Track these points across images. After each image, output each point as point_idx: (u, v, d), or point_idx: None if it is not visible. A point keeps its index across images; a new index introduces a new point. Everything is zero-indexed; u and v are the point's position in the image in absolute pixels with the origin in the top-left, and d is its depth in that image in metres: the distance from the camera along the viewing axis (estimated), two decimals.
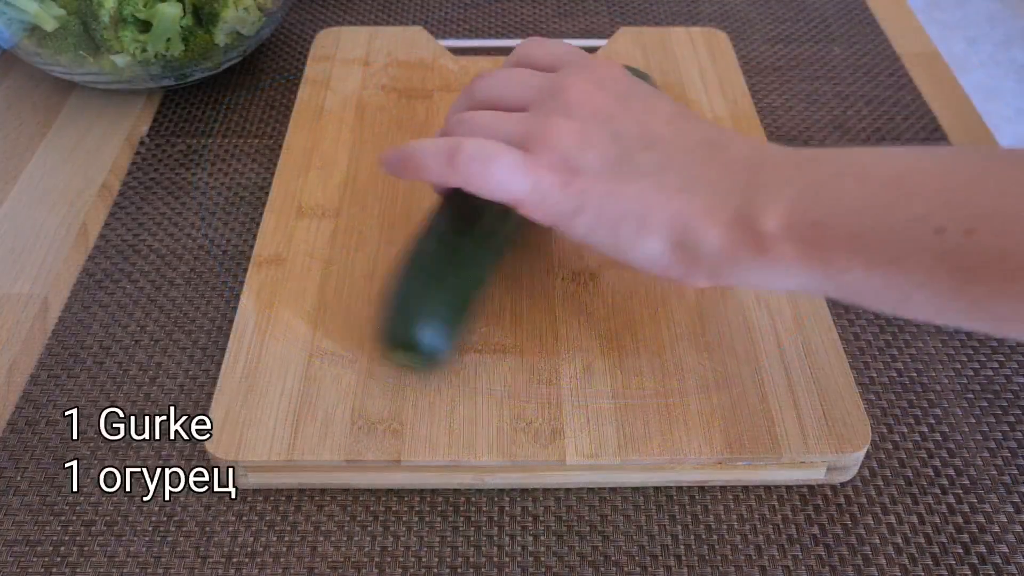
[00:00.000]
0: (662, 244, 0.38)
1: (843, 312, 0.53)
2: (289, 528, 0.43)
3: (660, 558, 0.42)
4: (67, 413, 0.47)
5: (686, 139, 0.40)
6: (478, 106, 0.45)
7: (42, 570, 0.41)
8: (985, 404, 0.48)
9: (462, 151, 0.40)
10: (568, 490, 0.44)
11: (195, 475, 0.45)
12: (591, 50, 0.70)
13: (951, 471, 0.45)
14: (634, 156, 0.39)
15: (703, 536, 0.43)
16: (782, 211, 0.36)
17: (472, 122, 0.43)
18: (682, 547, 0.42)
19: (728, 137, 0.40)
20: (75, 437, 0.46)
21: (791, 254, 0.36)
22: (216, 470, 0.44)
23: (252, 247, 0.54)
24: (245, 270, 0.54)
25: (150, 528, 0.43)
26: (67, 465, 0.45)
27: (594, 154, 0.40)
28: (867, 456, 0.46)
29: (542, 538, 0.43)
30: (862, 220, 0.34)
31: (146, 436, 0.46)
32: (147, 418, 0.47)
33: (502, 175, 0.40)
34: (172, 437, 0.46)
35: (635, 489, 0.44)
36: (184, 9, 0.61)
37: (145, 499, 0.44)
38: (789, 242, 0.36)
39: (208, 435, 0.43)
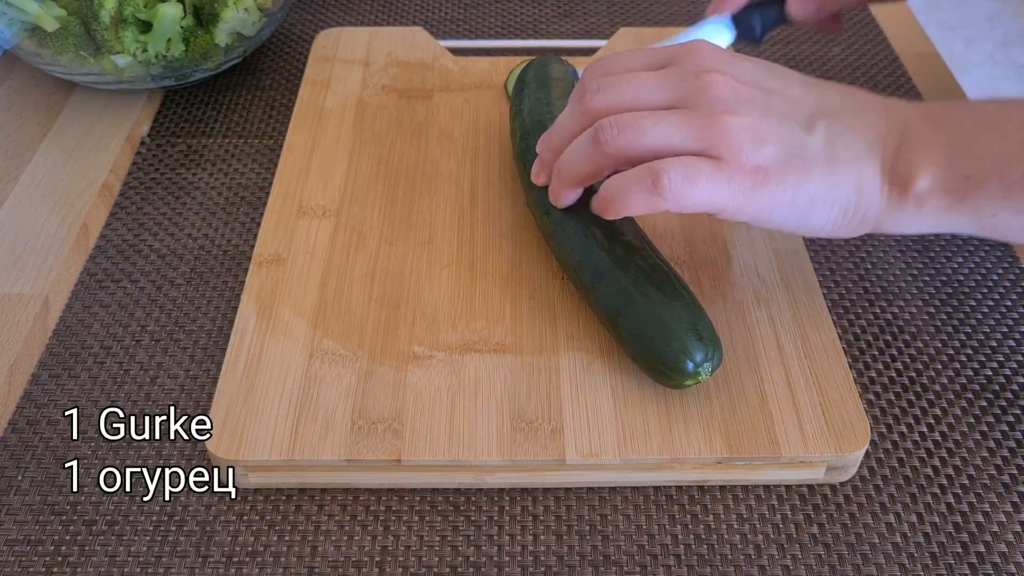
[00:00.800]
0: (842, 213, 0.42)
1: (843, 312, 0.53)
2: (289, 528, 0.43)
3: (660, 558, 0.42)
4: (68, 413, 0.47)
5: (831, 105, 0.43)
6: (596, 116, 0.44)
7: (43, 569, 0.41)
8: (985, 404, 0.48)
9: (665, 176, 0.41)
10: (568, 490, 0.44)
11: (196, 475, 0.45)
12: (591, 50, 0.70)
13: (950, 471, 0.46)
14: (802, 138, 0.42)
15: (702, 535, 0.43)
16: (935, 169, 0.41)
17: (648, 131, 0.42)
18: (681, 546, 0.42)
19: (858, 96, 0.44)
20: (76, 437, 0.46)
21: (944, 205, 0.41)
22: (216, 470, 0.44)
23: (252, 247, 0.54)
24: (246, 270, 0.54)
25: (151, 528, 0.43)
26: (68, 465, 0.45)
27: (772, 147, 0.41)
28: (866, 455, 0.46)
29: (542, 538, 0.43)
30: (1010, 170, 0.40)
31: (147, 436, 0.46)
32: (148, 418, 0.47)
33: (707, 191, 0.41)
34: (173, 437, 0.46)
35: (635, 489, 0.44)
36: (185, 10, 0.61)
37: (146, 499, 0.44)
38: (943, 196, 0.41)
39: (208, 435, 0.43)
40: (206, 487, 0.44)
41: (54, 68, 0.63)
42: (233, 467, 0.43)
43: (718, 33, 0.53)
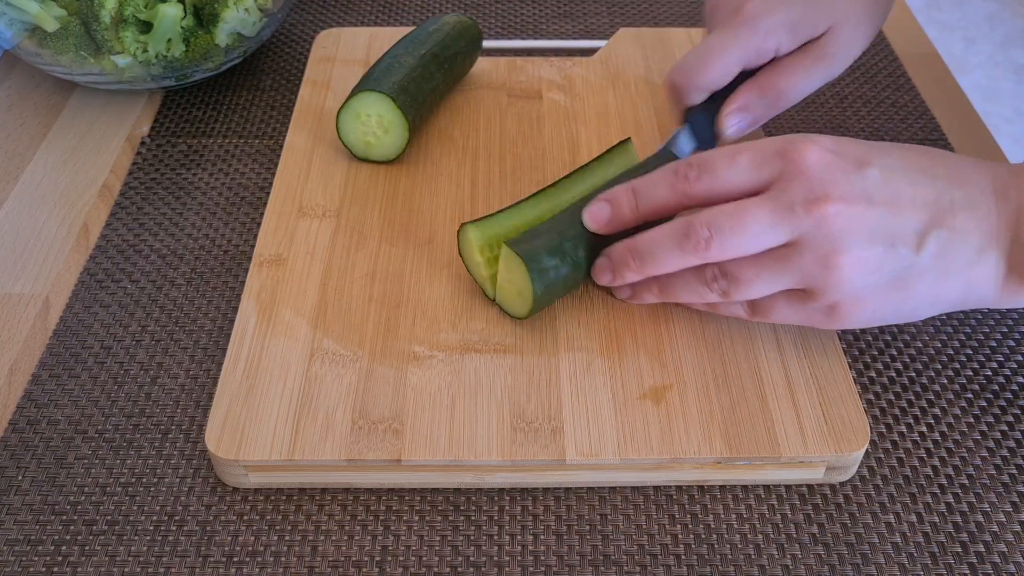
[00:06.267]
0: (949, 308, 0.44)
1: None
2: (290, 527, 0.43)
3: (660, 557, 0.42)
4: (68, 412, 0.47)
5: (942, 207, 0.42)
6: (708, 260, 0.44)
7: (44, 569, 0.41)
8: (985, 404, 0.48)
9: (759, 312, 0.46)
10: (568, 489, 0.44)
11: (196, 475, 0.45)
12: (591, 51, 0.70)
13: (950, 470, 0.46)
14: (911, 260, 0.42)
15: (702, 535, 0.43)
16: None
17: (746, 281, 0.43)
18: (681, 546, 0.42)
19: (967, 182, 0.43)
20: (76, 437, 0.46)
21: None
22: (217, 470, 0.44)
23: (253, 247, 0.54)
24: (246, 270, 0.54)
25: (151, 527, 0.43)
26: (68, 464, 0.45)
27: (877, 277, 0.42)
28: (866, 455, 0.46)
29: (542, 538, 0.43)
30: None
31: (147, 435, 0.46)
32: (148, 417, 0.47)
33: (786, 315, 0.45)
34: (173, 436, 0.46)
35: (635, 489, 0.44)
36: (185, 10, 0.61)
37: (146, 498, 0.44)
38: None
39: (209, 435, 0.43)
40: (207, 487, 0.44)
41: (54, 68, 0.63)
42: (234, 467, 0.43)
43: (687, 142, 0.53)
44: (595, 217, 0.47)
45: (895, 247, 0.42)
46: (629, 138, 0.55)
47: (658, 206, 0.46)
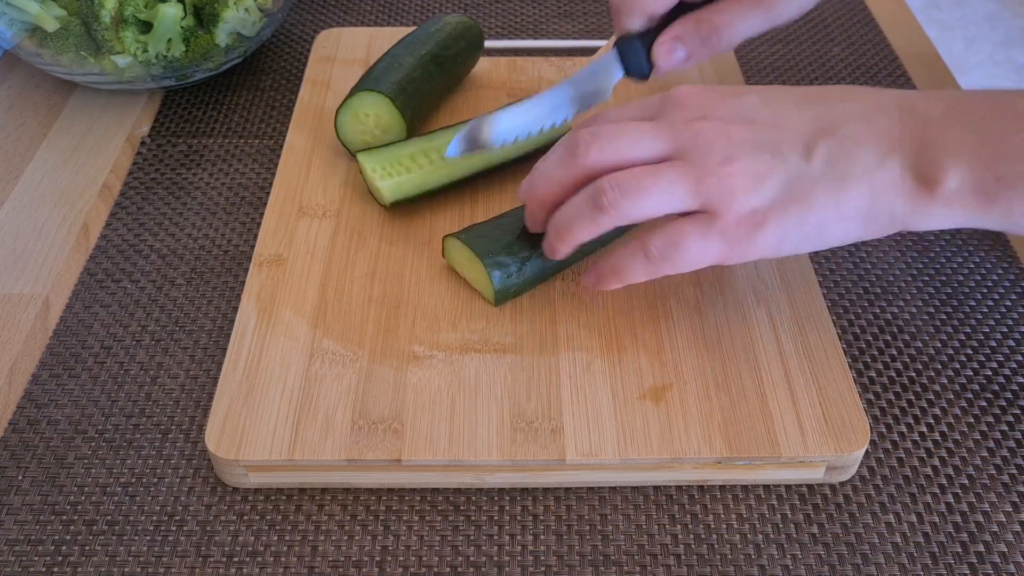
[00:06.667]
0: (861, 223, 0.42)
1: (843, 312, 0.53)
2: (290, 527, 0.43)
3: (660, 557, 0.42)
4: (68, 412, 0.47)
5: (831, 120, 0.42)
6: (593, 173, 0.44)
7: (44, 569, 0.41)
8: (985, 404, 0.48)
9: (652, 246, 0.43)
10: (568, 490, 0.44)
11: (196, 475, 0.45)
12: (591, 51, 0.70)
13: (950, 470, 0.46)
14: (802, 168, 0.41)
15: (702, 535, 0.43)
16: (964, 170, 0.40)
17: (648, 191, 0.42)
18: (681, 546, 0.42)
19: (865, 99, 0.43)
20: (76, 437, 0.46)
21: (973, 205, 0.40)
22: (217, 470, 0.44)
23: (253, 247, 0.54)
24: (246, 270, 0.54)
25: (151, 527, 0.43)
26: (68, 464, 0.45)
27: (769, 185, 0.41)
28: (866, 455, 0.46)
29: (542, 538, 0.43)
30: None
31: (147, 435, 0.46)
32: (148, 417, 0.47)
33: (698, 252, 0.42)
34: (173, 436, 0.46)
35: (635, 489, 0.44)
36: (185, 10, 0.61)
37: (146, 498, 0.44)
38: (972, 196, 0.40)
39: (209, 435, 0.43)
40: (207, 487, 0.44)
41: (54, 68, 0.63)
42: (234, 467, 0.43)
43: (609, 68, 0.52)
44: (527, 224, 0.49)
45: (781, 153, 0.41)
46: None
47: (557, 184, 0.45)
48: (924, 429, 0.47)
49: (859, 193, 0.41)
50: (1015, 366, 0.50)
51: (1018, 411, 0.48)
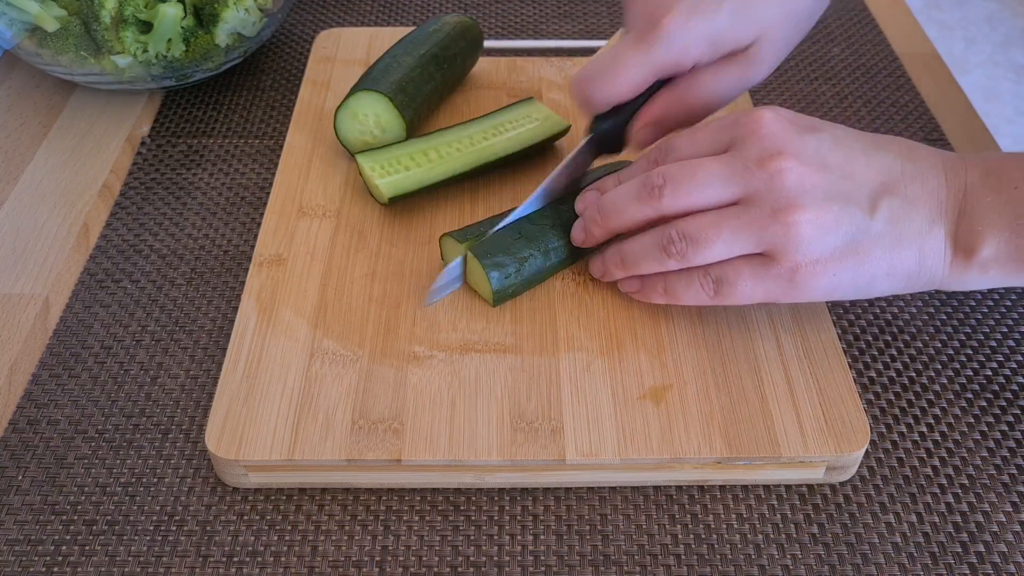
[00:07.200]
0: (905, 281, 0.44)
1: (843, 312, 0.53)
2: (290, 527, 0.43)
3: (660, 557, 0.42)
4: (68, 412, 0.47)
5: (893, 176, 0.44)
6: (666, 217, 0.45)
7: (43, 569, 0.41)
8: (985, 404, 0.48)
9: (705, 280, 0.45)
10: (568, 490, 0.44)
11: (196, 475, 0.45)
12: (591, 51, 0.70)
13: (950, 470, 0.46)
14: (865, 222, 0.43)
15: (702, 535, 0.43)
16: (997, 240, 0.42)
17: (714, 244, 0.44)
18: (681, 546, 0.42)
19: (918, 158, 0.44)
20: (76, 437, 0.46)
21: (1009, 269, 0.43)
22: (217, 470, 0.44)
23: (253, 247, 0.54)
24: (246, 270, 0.54)
25: (151, 527, 0.43)
26: (68, 464, 0.45)
27: (833, 238, 0.42)
28: (866, 455, 0.46)
29: (542, 538, 0.43)
30: None
31: (147, 435, 0.46)
32: (148, 417, 0.47)
33: (750, 292, 0.44)
34: (173, 436, 0.46)
35: (635, 489, 0.44)
36: (185, 10, 0.61)
37: (146, 498, 0.44)
38: (1006, 262, 0.43)
39: (209, 435, 0.43)
40: (207, 487, 0.44)
41: (54, 68, 0.63)
42: (234, 467, 0.43)
43: (586, 155, 0.52)
44: (573, 238, 0.50)
45: (849, 207, 0.42)
46: (532, 97, 0.60)
47: (628, 222, 0.47)
48: (924, 429, 0.47)
49: (910, 254, 0.43)
50: (1015, 366, 0.50)
51: (1018, 411, 0.48)
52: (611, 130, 0.51)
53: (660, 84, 0.49)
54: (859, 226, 0.42)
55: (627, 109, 0.50)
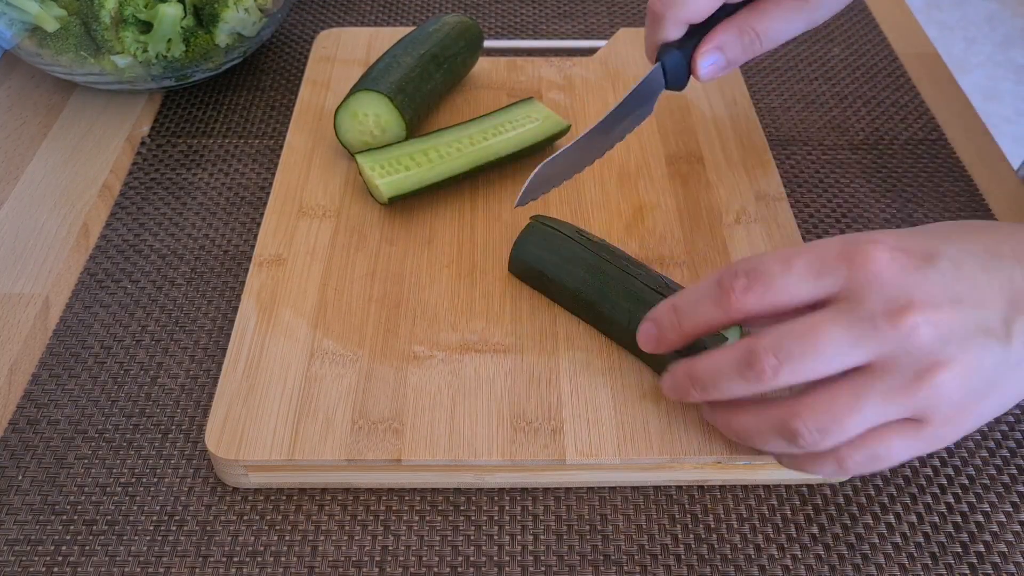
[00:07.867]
0: (1015, 404, 0.40)
1: None
2: (290, 527, 0.43)
3: (660, 557, 0.42)
4: (68, 412, 0.47)
5: (1016, 294, 0.38)
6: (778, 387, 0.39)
7: (43, 569, 0.41)
8: None
9: (850, 460, 0.39)
10: (568, 490, 0.44)
11: (196, 475, 0.45)
12: (591, 51, 0.70)
13: (950, 470, 0.46)
14: (1004, 354, 0.38)
15: (702, 535, 0.43)
16: None
17: (848, 424, 0.38)
18: (682, 546, 0.42)
19: (1008, 285, 0.39)
20: (76, 437, 0.46)
21: None
22: (217, 470, 0.44)
23: (253, 247, 0.54)
24: (246, 270, 0.54)
25: (151, 527, 0.43)
26: (68, 464, 0.45)
27: (979, 381, 0.38)
28: None
29: (542, 537, 0.43)
30: None
31: (147, 435, 0.46)
32: (148, 417, 0.47)
33: (900, 459, 0.39)
34: (173, 436, 0.46)
35: (635, 489, 0.44)
36: (185, 10, 0.61)
37: (146, 498, 0.44)
38: None
39: (209, 435, 0.43)
40: (207, 487, 0.44)
41: (54, 68, 0.63)
42: (234, 467, 0.43)
43: (653, 83, 0.52)
44: (643, 340, 0.43)
45: (988, 343, 0.37)
46: (532, 97, 0.60)
47: (704, 325, 0.41)
48: None
49: (1020, 389, 0.39)
50: None
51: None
52: (677, 61, 0.51)
53: (726, 14, 0.50)
54: (999, 358, 0.38)
55: (692, 41, 0.50)
